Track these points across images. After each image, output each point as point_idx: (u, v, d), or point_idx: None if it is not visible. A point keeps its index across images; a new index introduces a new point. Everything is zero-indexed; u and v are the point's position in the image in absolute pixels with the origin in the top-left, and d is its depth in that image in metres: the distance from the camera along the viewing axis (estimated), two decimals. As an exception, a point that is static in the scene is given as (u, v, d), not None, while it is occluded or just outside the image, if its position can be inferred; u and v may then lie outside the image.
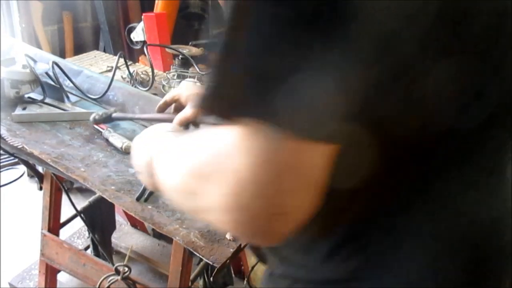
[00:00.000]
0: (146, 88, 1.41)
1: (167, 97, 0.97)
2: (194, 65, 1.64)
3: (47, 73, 1.26)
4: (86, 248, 1.55)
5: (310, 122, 0.30)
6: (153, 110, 1.04)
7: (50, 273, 1.50)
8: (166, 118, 1.11)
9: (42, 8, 2.57)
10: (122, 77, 1.50)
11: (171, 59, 1.78)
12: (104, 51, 2.58)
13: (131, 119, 1.18)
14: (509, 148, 0.46)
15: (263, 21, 0.30)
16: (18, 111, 1.15)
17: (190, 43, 1.83)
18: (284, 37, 0.29)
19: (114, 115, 1.12)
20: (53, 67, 1.25)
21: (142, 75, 1.52)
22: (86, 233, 1.73)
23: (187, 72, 1.59)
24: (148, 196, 0.94)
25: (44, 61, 1.29)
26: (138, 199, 0.93)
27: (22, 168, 2.36)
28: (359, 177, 0.36)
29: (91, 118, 1.12)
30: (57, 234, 1.43)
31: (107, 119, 1.13)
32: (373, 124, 0.32)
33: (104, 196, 0.93)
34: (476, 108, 0.41)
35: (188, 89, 0.94)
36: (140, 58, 1.95)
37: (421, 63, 0.34)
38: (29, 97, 1.21)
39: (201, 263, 1.29)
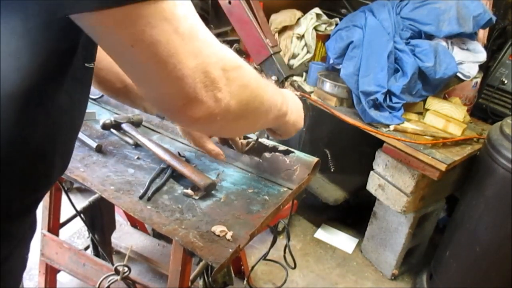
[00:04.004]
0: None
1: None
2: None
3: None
4: (86, 248, 1.55)
5: None
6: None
7: (50, 273, 1.50)
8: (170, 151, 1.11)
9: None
10: (122, 77, 1.49)
11: (171, 59, 1.77)
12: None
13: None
14: None
15: None
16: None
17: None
18: None
19: (124, 126, 1.13)
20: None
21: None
22: (86, 233, 1.72)
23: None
24: (152, 195, 0.94)
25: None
26: (141, 197, 0.93)
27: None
28: None
29: (101, 123, 1.13)
30: (57, 234, 1.43)
31: (117, 127, 1.14)
32: None
33: (104, 196, 0.93)
34: None
35: None
36: (140, 58, 1.95)
37: None
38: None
39: (201, 263, 1.29)
